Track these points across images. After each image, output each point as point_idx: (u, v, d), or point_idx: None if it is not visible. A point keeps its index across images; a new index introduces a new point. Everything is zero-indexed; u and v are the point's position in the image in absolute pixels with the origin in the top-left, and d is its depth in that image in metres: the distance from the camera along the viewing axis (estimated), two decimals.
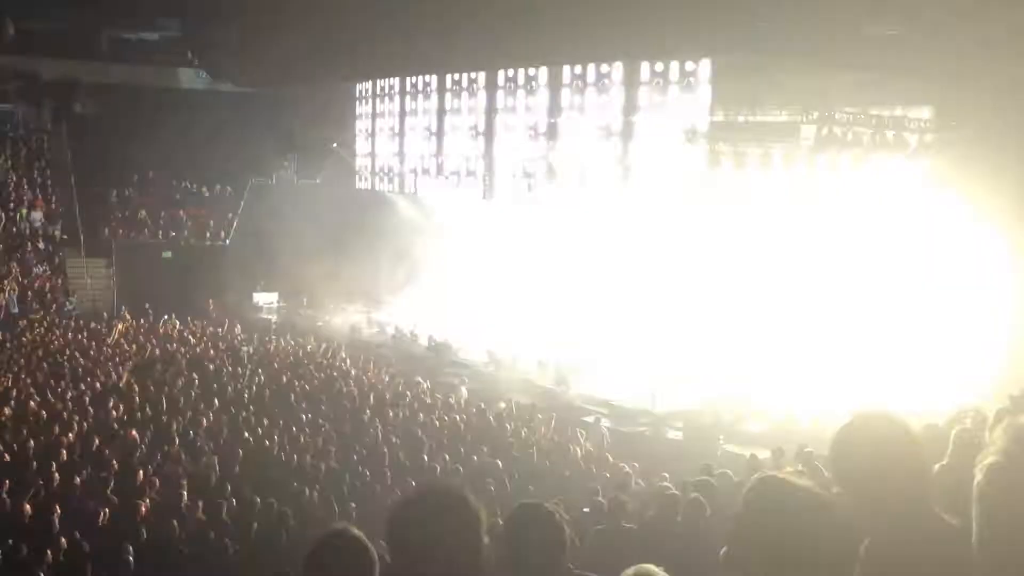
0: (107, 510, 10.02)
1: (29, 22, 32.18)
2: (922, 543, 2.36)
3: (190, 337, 23.50)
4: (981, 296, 19.32)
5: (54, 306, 26.99)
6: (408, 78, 30.16)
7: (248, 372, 19.39)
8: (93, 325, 23.90)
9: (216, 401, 16.31)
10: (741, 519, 2.37)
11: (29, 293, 27.43)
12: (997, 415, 7.01)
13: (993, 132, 18.11)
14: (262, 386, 18.12)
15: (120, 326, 23.43)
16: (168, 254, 30.66)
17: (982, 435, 5.30)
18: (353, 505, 10.58)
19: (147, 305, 26.09)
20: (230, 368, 19.84)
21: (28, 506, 10.01)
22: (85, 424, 14.49)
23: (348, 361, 21.74)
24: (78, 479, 11.29)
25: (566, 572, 3.26)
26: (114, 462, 12.08)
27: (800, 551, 2.22)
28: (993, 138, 18.12)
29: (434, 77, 29.12)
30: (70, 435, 13.64)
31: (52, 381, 17.74)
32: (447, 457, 13.38)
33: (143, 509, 9.99)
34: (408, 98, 30.46)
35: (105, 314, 25.27)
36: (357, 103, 33.46)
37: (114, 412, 15.33)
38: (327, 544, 2.55)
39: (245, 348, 22.61)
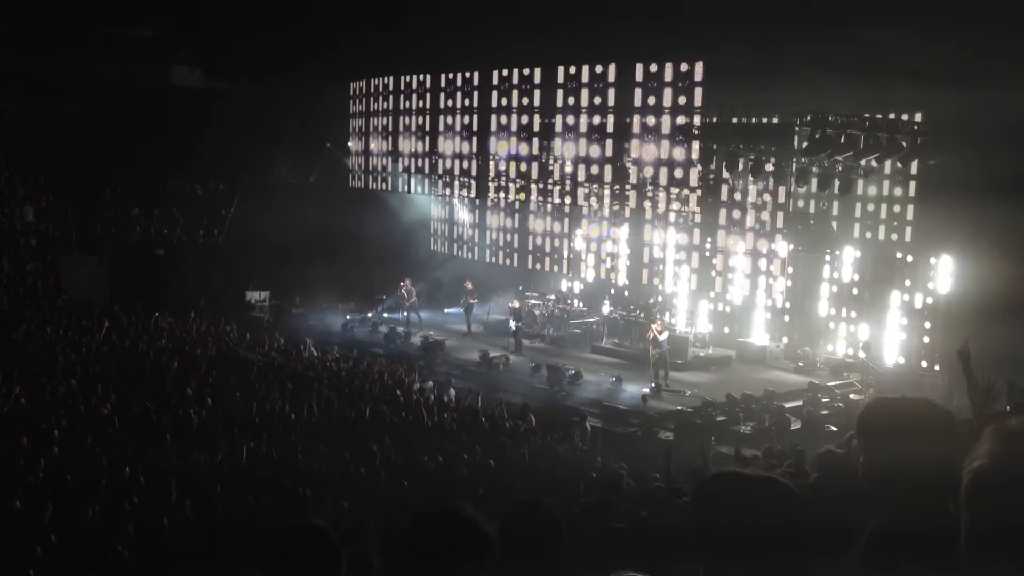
0: (97, 507, 10.01)
1: (22, 18, 32.06)
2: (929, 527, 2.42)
3: (182, 335, 23.44)
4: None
5: (46, 303, 26.88)
6: (402, 77, 30.16)
7: (239, 370, 19.36)
8: (84, 322, 23.81)
9: (206, 398, 16.28)
10: (696, 516, 2.40)
11: (21, 290, 27.34)
12: (989, 418, 7.03)
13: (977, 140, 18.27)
14: (253, 384, 18.09)
15: (107, 323, 23.33)
16: (161, 251, 30.59)
17: None
18: (346, 505, 10.58)
19: (138, 303, 26.01)
20: (221, 366, 19.81)
21: (18, 502, 10.00)
22: (75, 421, 14.46)
23: (340, 359, 21.72)
24: (69, 476, 11.27)
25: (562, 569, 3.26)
26: (104, 459, 12.06)
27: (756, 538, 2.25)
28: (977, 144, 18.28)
29: (428, 76, 29.12)
30: (60, 432, 13.61)
31: (43, 378, 17.68)
32: (440, 458, 13.39)
33: (131, 507, 9.98)
34: (402, 97, 30.45)
35: (97, 311, 25.15)
36: (351, 102, 33.44)
37: (103, 410, 15.29)
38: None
39: (237, 346, 22.57)
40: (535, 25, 23.15)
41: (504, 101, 26.58)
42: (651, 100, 22.93)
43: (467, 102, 27.84)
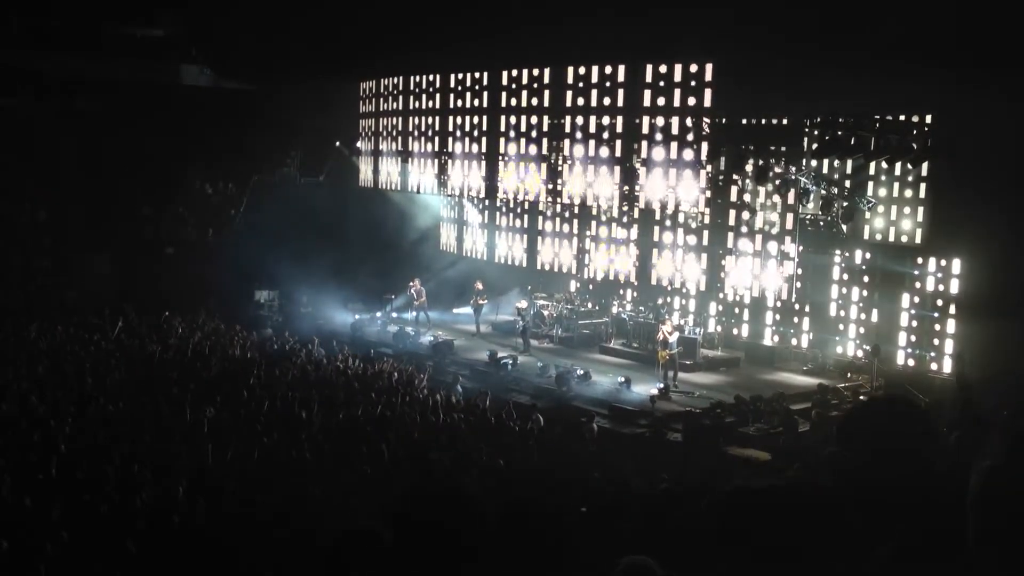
0: (106, 504, 10.05)
1: (33, 17, 32.21)
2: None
3: (192, 334, 23.52)
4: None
5: (56, 301, 27.02)
6: (412, 77, 30.16)
7: (248, 369, 19.41)
8: (95, 320, 23.92)
9: (215, 397, 16.33)
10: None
11: (32, 287, 27.48)
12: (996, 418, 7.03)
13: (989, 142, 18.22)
14: (262, 383, 18.13)
15: (121, 322, 23.46)
16: (171, 250, 30.71)
17: None
18: (354, 502, 10.59)
19: (149, 301, 26.10)
20: (231, 364, 19.88)
21: (28, 499, 10.04)
22: (86, 418, 14.52)
23: (350, 359, 21.75)
24: (79, 473, 11.32)
25: None
26: (113, 456, 12.11)
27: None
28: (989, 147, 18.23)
29: (437, 77, 29.12)
30: (69, 429, 13.68)
31: (54, 376, 17.77)
32: (448, 458, 13.40)
33: (140, 503, 10.02)
34: (412, 97, 30.47)
35: (107, 310, 25.24)
36: (361, 102, 33.48)
37: (111, 407, 15.37)
38: None
39: (246, 345, 22.65)
40: (545, 25, 23.14)
41: (513, 101, 26.56)
42: (660, 101, 22.89)
43: (477, 102, 27.84)
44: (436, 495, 2.58)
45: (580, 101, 24.64)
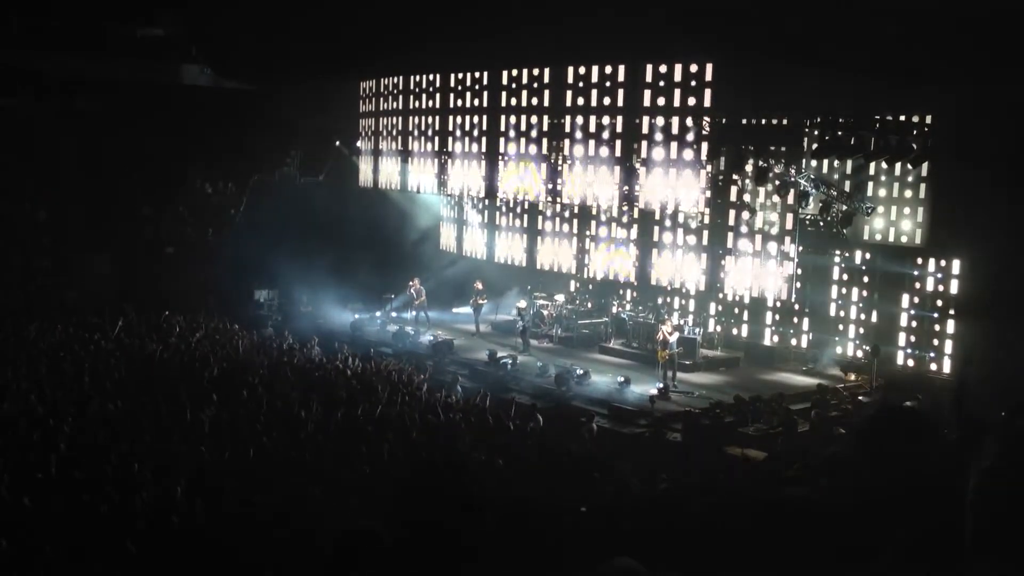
0: (106, 504, 10.04)
1: (33, 17, 32.19)
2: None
3: (192, 333, 23.51)
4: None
5: (56, 300, 27.02)
6: (412, 77, 30.16)
7: (248, 368, 19.41)
8: (95, 320, 23.91)
9: (215, 397, 16.32)
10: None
11: (32, 287, 27.48)
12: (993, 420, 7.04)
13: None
14: (261, 382, 18.13)
15: (121, 322, 23.46)
16: (171, 250, 30.72)
17: None
18: (354, 501, 10.60)
19: (149, 301, 26.10)
20: (231, 364, 19.87)
21: (27, 499, 10.04)
22: (85, 419, 14.52)
23: (348, 359, 21.75)
24: (78, 473, 11.32)
25: None
26: (112, 456, 12.11)
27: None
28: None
29: (437, 76, 29.11)
30: (69, 429, 13.68)
31: (54, 376, 17.77)
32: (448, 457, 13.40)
33: (140, 503, 10.02)
34: (412, 97, 30.47)
35: (107, 310, 25.22)
36: (360, 101, 33.47)
37: (111, 406, 15.36)
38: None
39: (245, 344, 22.64)
40: (545, 25, 23.12)
41: (513, 101, 26.56)
42: (660, 101, 22.89)
43: (477, 102, 27.83)
44: (442, 462, 2.63)
45: (580, 101, 24.63)
